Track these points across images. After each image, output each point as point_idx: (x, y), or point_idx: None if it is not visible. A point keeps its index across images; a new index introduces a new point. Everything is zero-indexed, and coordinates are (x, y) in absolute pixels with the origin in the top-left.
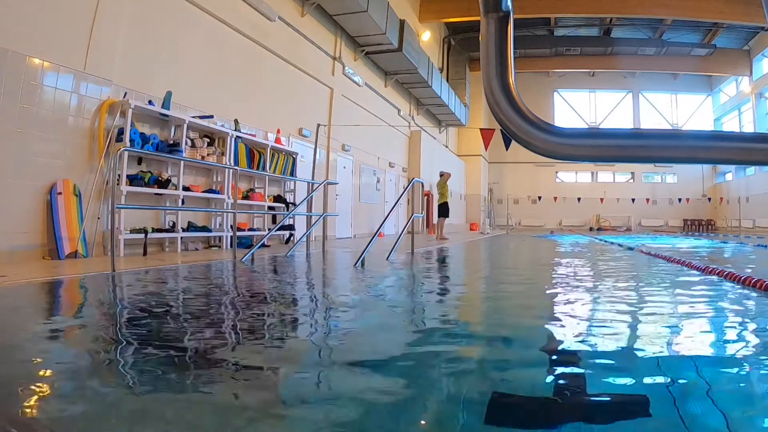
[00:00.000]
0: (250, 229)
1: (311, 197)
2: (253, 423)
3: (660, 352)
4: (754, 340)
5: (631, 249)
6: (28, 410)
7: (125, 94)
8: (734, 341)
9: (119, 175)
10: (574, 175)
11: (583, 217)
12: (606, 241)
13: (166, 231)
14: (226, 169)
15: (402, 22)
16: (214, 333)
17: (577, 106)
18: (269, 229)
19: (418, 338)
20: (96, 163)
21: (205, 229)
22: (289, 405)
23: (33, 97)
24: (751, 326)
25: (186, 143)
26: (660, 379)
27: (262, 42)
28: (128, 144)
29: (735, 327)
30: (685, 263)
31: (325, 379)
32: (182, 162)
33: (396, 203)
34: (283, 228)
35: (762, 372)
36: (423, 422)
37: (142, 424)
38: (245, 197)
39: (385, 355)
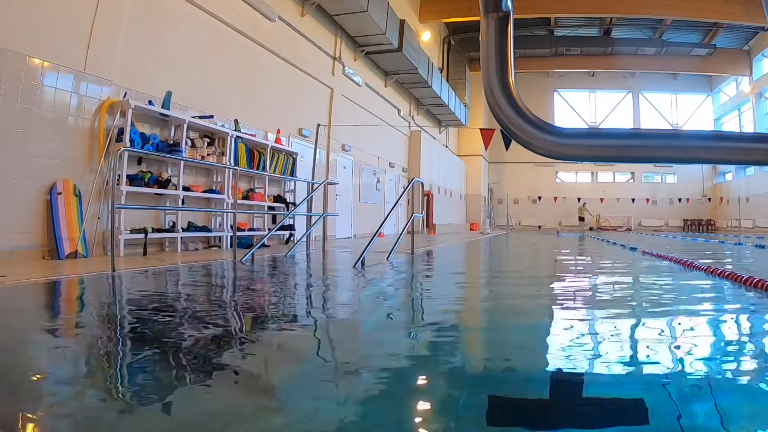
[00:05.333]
0: (250, 229)
1: (311, 197)
2: (251, 424)
3: (660, 352)
4: (754, 341)
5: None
6: (28, 410)
7: (125, 94)
8: (734, 342)
9: (119, 175)
10: (574, 175)
11: (587, 217)
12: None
13: (166, 231)
14: (226, 169)
15: (402, 22)
16: (214, 333)
17: (577, 106)
18: (269, 229)
19: (417, 338)
20: (96, 163)
21: (205, 229)
22: (288, 406)
23: (33, 97)
24: (750, 326)
25: (186, 143)
26: (659, 381)
27: (262, 42)
28: (128, 144)
29: (734, 327)
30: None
31: (324, 378)
32: (182, 162)
33: (396, 203)
34: (283, 228)
35: (761, 373)
36: (422, 421)
37: (141, 424)
38: (245, 197)
39: (383, 355)
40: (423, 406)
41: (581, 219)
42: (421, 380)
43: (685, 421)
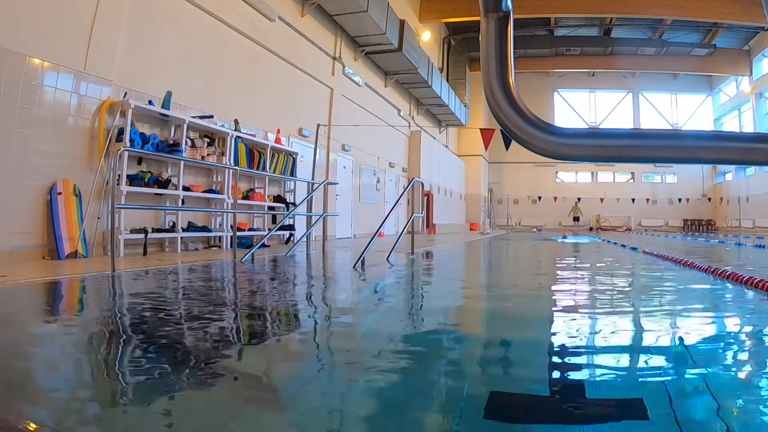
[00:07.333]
0: (250, 229)
1: (311, 197)
2: (251, 424)
3: (660, 352)
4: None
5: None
6: (28, 411)
7: (125, 94)
8: (734, 341)
9: (119, 175)
10: (574, 175)
11: (583, 217)
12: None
13: (166, 231)
14: (226, 169)
15: (402, 22)
16: (214, 334)
17: (577, 106)
18: (269, 229)
19: (416, 338)
20: (96, 163)
21: (205, 229)
22: (287, 406)
23: (33, 97)
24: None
25: (186, 143)
26: (659, 380)
27: (262, 42)
28: (128, 144)
29: (734, 327)
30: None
31: (323, 379)
32: (182, 162)
33: (396, 203)
34: (283, 228)
35: (762, 372)
36: (422, 421)
37: (141, 424)
38: (245, 197)
39: (383, 356)
40: (422, 405)
41: (575, 219)
42: (421, 379)
43: (683, 418)
